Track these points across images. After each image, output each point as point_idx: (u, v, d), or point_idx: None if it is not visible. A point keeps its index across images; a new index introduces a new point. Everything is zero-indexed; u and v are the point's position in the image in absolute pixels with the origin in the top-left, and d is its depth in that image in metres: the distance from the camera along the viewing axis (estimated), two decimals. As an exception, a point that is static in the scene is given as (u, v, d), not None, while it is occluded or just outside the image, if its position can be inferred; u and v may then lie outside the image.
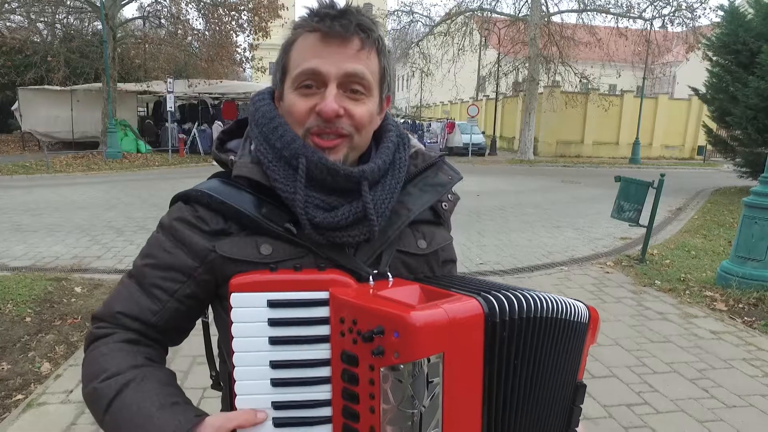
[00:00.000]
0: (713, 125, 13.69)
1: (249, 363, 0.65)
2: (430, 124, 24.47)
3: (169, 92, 15.70)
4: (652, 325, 3.88)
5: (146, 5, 18.84)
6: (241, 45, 19.46)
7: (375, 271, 0.72)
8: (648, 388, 2.91)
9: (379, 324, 0.57)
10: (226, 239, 0.74)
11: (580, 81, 21.33)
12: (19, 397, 2.65)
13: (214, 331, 0.87)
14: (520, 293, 0.67)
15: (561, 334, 0.72)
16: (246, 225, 0.74)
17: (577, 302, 0.76)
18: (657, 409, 2.70)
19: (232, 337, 0.65)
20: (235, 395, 0.65)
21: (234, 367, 0.65)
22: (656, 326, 3.85)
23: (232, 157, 0.79)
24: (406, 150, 0.81)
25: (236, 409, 0.65)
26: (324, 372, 0.65)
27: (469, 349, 0.60)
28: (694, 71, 19.10)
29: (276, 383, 0.65)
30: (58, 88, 17.49)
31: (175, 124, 17.72)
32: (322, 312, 0.64)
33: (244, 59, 19.77)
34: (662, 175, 5.37)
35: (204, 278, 0.75)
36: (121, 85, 17.59)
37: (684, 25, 19.45)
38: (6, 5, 17.53)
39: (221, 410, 0.89)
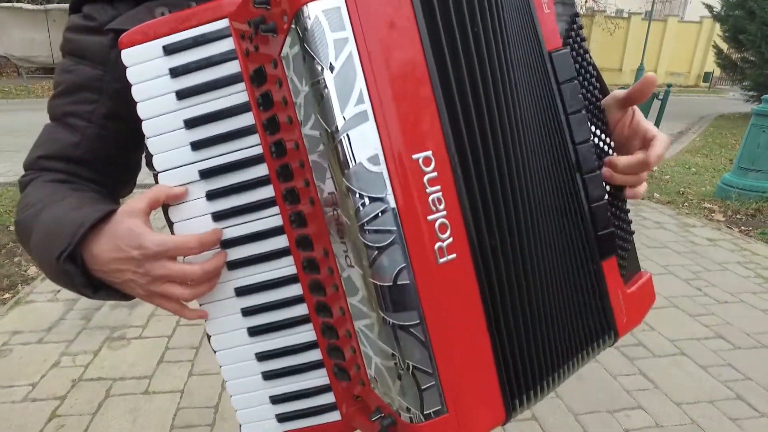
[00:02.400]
0: (725, 47, 13.10)
1: (161, 129, 0.52)
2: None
3: (151, 11, 14.81)
4: (649, 233, 3.84)
5: None
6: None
7: None
8: (642, 288, 2.90)
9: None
10: (121, 17, 0.59)
11: (586, 2, 20.20)
12: (7, 296, 2.61)
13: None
14: None
15: None
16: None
17: None
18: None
19: (136, 101, 0.52)
20: (156, 175, 0.53)
21: (147, 138, 0.52)
22: (653, 234, 3.81)
23: None
24: None
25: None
26: (245, 120, 0.51)
27: None
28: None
29: (196, 145, 0.52)
30: (31, 7, 16.44)
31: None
32: (226, 45, 0.51)
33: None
34: (669, 86, 5.14)
35: (115, 87, 0.60)
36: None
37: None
38: None
39: None
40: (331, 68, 0.42)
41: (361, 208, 0.43)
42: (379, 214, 0.44)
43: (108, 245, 0.51)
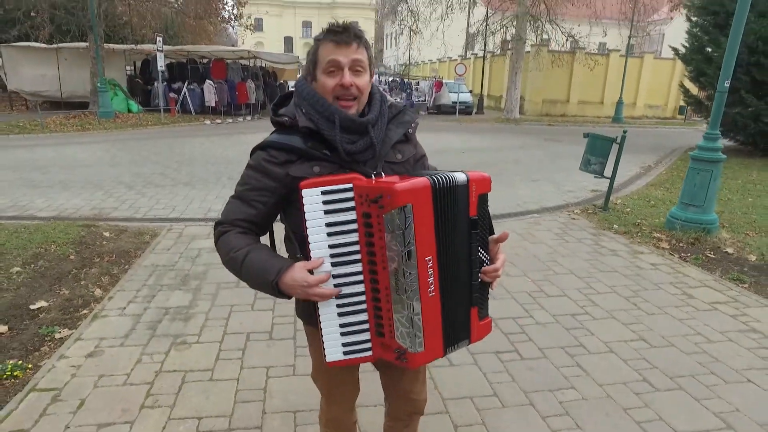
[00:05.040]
0: (692, 86, 14.22)
1: (315, 225, 1.23)
2: (418, 83, 24.64)
3: (158, 50, 15.72)
4: (604, 259, 4.59)
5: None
6: (228, 2, 19.26)
7: (375, 172, 1.32)
8: (590, 303, 3.63)
9: (380, 193, 1.17)
10: (293, 165, 1.31)
11: (567, 40, 21.50)
12: (85, 311, 3.28)
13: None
14: (446, 175, 1.25)
15: (458, 192, 1.26)
16: (300, 154, 1.32)
17: (460, 173, 1.27)
18: (594, 317, 3.42)
19: (305, 213, 1.22)
20: (310, 249, 1.24)
21: (307, 230, 1.23)
22: (607, 260, 4.56)
23: (286, 119, 1.36)
24: (386, 104, 1.41)
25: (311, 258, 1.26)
26: (353, 226, 1.23)
27: (425, 202, 1.19)
28: (682, 30, 19.41)
29: (329, 234, 1.23)
30: (43, 45, 17.30)
31: (165, 83, 17.73)
32: (349, 194, 1.22)
33: (231, 16, 19.60)
34: (624, 131, 5.98)
35: (281, 192, 1.33)
36: (109, 45, 17.45)
37: (670, -17, 19.59)
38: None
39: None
40: (403, 230, 1.16)
41: (405, 278, 1.20)
42: (412, 278, 1.19)
43: (289, 278, 1.24)
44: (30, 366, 2.65)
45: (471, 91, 25.51)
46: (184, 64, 19.82)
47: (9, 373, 2.55)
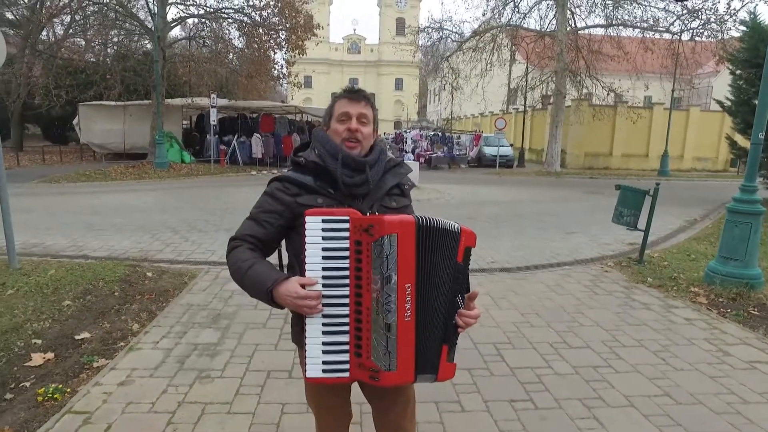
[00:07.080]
0: (740, 138, 13.83)
1: (313, 251, 1.38)
2: (459, 137, 25.16)
3: (212, 107, 16.98)
4: (634, 312, 4.46)
5: (191, 25, 20.43)
6: (278, 62, 20.71)
7: (370, 211, 1.50)
8: (614, 356, 3.53)
9: (371, 223, 1.33)
10: (301, 196, 1.53)
11: (608, 94, 21.52)
12: (122, 344, 3.51)
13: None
14: (435, 219, 1.39)
15: (446, 236, 1.41)
16: (308, 189, 1.53)
17: (454, 223, 1.44)
18: (617, 370, 3.32)
19: (305, 237, 1.38)
20: (306, 269, 1.40)
21: (305, 252, 1.39)
22: (637, 314, 4.43)
23: (302, 159, 1.59)
24: (385, 156, 1.63)
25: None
26: (345, 253, 1.38)
27: (409, 234, 1.34)
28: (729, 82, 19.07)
29: (324, 257, 1.38)
30: (113, 103, 19.15)
31: (216, 136, 18.98)
32: (345, 225, 1.38)
33: (281, 75, 21.01)
34: (657, 184, 5.92)
35: (288, 216, 1.53)
36: (168, 101, 19.04)
37: (713, 38, 19.51)
38: (70, 30, 19.34)
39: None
40: (388, 257, 1.32)
41: (385, 299, 1.33)
42: (390, 300, 1.32)
43: (283, 289, 1.39)
44: (69, 390, 2.87)
45: (512, 145, 25.69)
46: (235, 118, 21.23)
47: (50, 395, 2.76)
